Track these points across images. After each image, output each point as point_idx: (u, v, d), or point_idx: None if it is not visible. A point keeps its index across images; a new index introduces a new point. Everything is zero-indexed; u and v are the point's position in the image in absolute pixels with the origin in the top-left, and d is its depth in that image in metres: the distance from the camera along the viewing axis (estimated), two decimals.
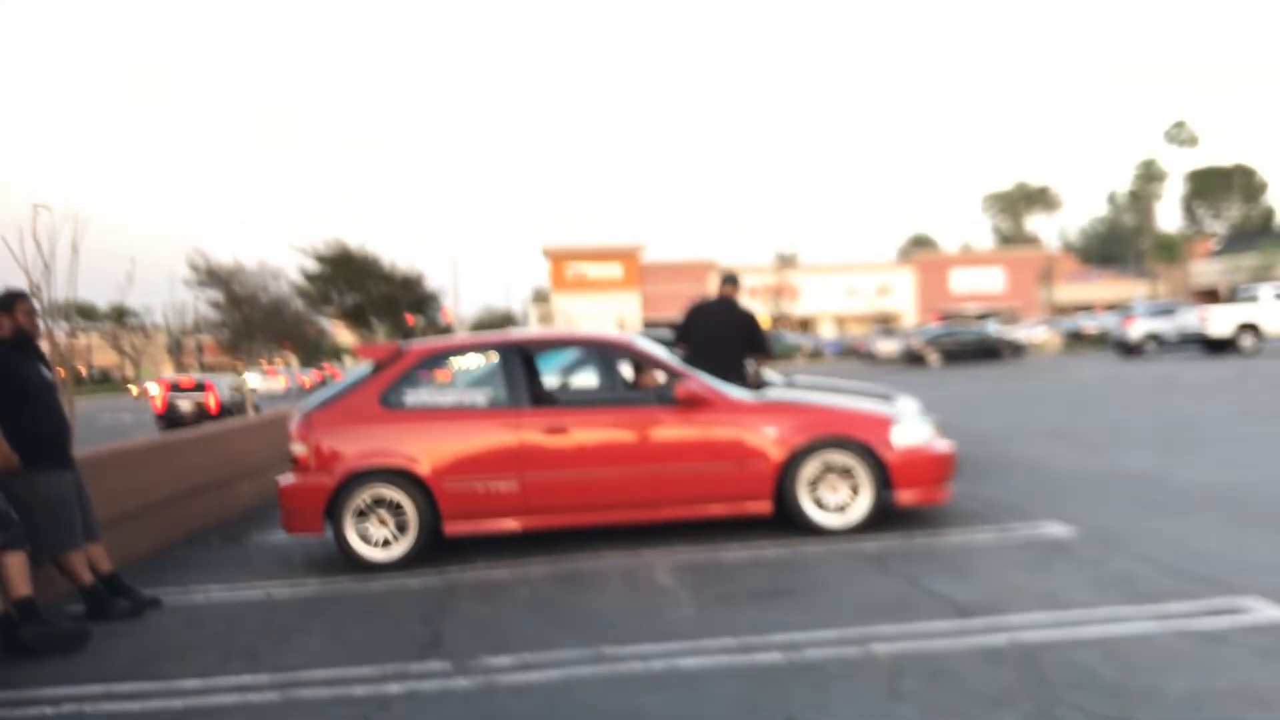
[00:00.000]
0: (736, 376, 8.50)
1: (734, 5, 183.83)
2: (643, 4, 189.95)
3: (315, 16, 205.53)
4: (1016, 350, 42.92)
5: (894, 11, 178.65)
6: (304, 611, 6.39)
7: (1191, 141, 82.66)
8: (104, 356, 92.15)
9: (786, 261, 73.47)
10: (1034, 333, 52.72)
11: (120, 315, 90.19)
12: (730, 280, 9.37)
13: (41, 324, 6.68)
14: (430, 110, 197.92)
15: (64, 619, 6.22)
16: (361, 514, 7.39)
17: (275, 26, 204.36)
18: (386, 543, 7.39)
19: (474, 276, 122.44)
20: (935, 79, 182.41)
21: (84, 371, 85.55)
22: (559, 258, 73.87)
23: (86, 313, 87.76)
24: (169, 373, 61.90)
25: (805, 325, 72.19)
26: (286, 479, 7.63)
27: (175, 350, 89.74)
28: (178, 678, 5.15)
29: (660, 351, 8.22)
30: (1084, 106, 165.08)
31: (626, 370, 9.25)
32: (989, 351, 42.59)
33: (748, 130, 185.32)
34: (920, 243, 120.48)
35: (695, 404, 7.54)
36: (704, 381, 7.72)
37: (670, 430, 7.54)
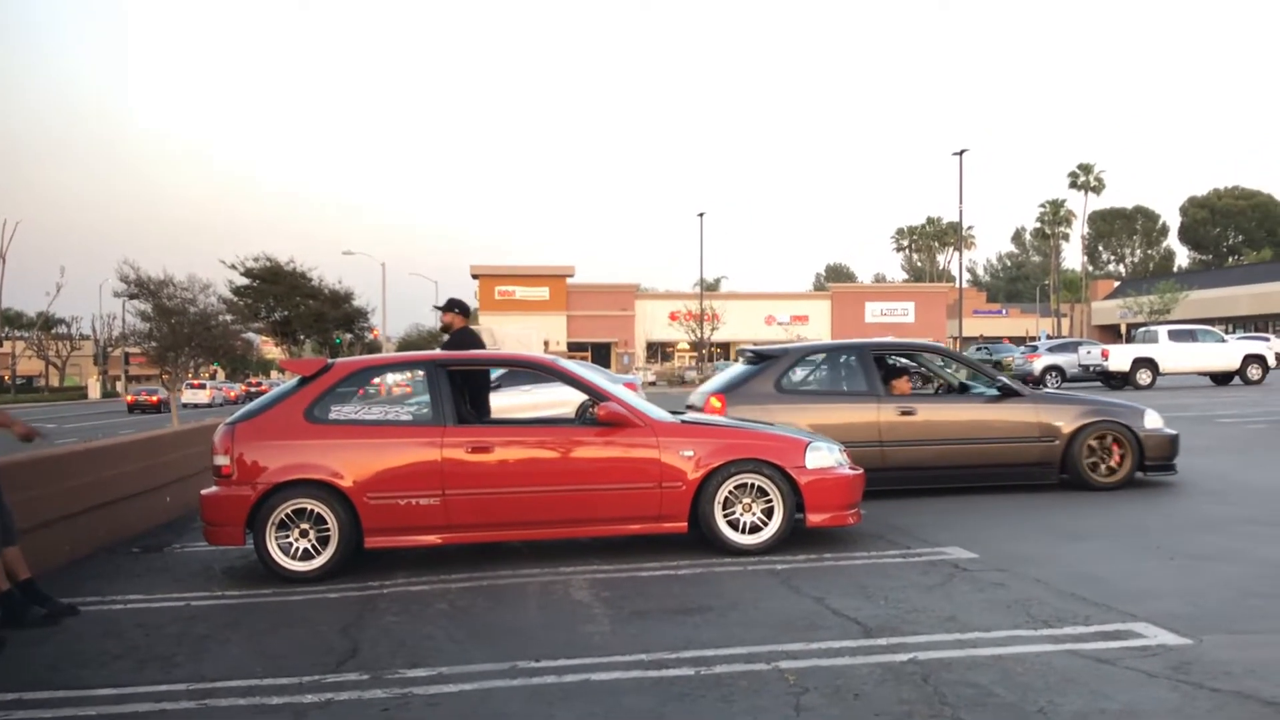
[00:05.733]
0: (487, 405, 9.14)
1: (662, 38, 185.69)
2: (574, 34, 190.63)
3: (254, 34, 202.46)
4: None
5: (822, 48, 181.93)
6: (223, 621, 6.40)
7: (1096, 186, 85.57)
8: (29, 364, 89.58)
9: (709, 288, 74.22)
10: None
11: (47, 324, 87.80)
12: (463, 311, 10.03)
13: None
14: (365, 129, 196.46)
15: None
16: (283, 526, 7.37)
17: (216, 39, 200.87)
18: (308, 555, 7.38)
19: (403, 295, 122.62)
20: (855, 117, 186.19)
21: (7, 378, 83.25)
22: (488, 278, 73.85)
23: (13, 320, 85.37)
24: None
25: (725, 351, 72.85)
26: (209, 490, 7.60)
27: (102, 360, 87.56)
28: (93, 686, 5.13)
29: (584, 371, 8.35)
30: (994, 148, 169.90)
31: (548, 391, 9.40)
32: None
33: (675, 158, 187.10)
34: (836, 272, 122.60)
35: (616, 424, 7.68)
36: (626, 402, 7.87)
37: (591, 450, 7.66)
